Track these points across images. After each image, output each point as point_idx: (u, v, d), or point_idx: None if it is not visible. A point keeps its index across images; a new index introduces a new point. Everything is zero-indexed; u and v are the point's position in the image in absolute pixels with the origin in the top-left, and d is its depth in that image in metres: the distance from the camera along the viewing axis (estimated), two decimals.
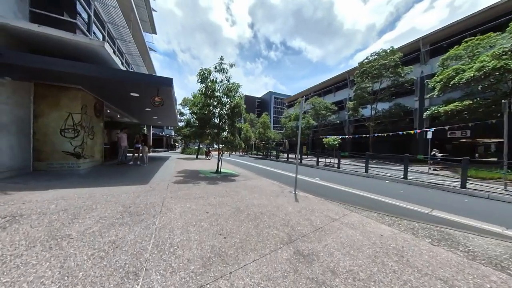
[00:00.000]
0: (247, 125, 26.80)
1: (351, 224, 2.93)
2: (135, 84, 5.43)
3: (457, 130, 16.05)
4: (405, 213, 3.79)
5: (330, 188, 5.91)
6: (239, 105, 6.43)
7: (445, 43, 17.35)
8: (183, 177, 6.14)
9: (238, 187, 5.06)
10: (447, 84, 12.14)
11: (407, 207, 4.22)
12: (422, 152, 18.64)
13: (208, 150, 13.99)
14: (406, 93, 19.75)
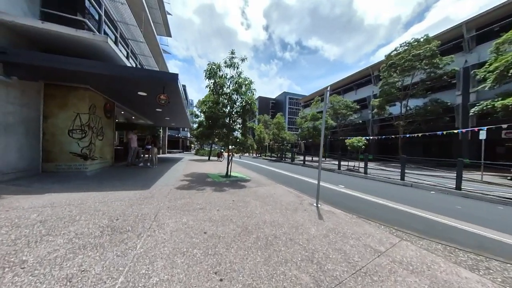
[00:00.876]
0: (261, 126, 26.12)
1: (408, 263, 1.98)
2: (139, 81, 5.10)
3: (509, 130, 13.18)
4: (484, 244, 2.64)
5: (360, 200, 4.84)
6: (251, 102, 5.74)
7: (497, 26, 14.57)
8: (188, 181, 5.63)
9: (248, 195, 4.32)
10: (505, 73, 9.92)
11: (483, 234, 3.02)
12: (467, 156, 15.80)
13: (220, 152, 13.61)
14: (445, 87, 17.11)
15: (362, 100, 26.02)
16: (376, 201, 4.73)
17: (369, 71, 25.40)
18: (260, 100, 76.75)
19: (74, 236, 2.17)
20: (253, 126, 6.28)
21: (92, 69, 4.35)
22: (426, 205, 4.50)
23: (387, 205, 4.42)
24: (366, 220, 3.17)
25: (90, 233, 2.26)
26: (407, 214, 3.82)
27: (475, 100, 15.14)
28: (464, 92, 16.03)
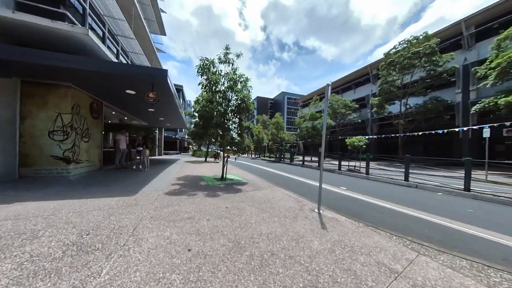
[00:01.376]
0: (259, 126, 25.76)
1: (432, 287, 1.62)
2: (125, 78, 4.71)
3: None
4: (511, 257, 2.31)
5: (364, 203, 4.50)
6: (247, 100, 5.38)
7: (496, 23, 14.44)
8: (180, 185, 5.24)
9: (244, 201, 3.95)
10: (507, 69, 9.71)
11: (505, 243, 2.68)
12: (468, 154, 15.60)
13: (217, 153, 13.24)
14: (445, 85, 16.94)
15: (361, 99, 25.83)
16: (382, 204, 4.39)
17: (367, 70, 25.22)
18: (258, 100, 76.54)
19: (28, 259, 1.79)
20: (250, 126, 5.92)
21: (70, 63, 3.95)
22: (435, 208, 4.17)
23: (393, 209, 4.08)
24: (374, 228, 2.81)
25: (49, 254, 1.88)
26: (417, 220, 3.48)
27: (476, 98, 14.96)
28: (464, 90, 15.86)
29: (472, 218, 3.66)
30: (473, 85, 15.35)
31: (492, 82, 10.63)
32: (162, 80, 4.75)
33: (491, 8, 14.27)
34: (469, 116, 15.22)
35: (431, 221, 3.45)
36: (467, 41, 15.75)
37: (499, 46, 10.93)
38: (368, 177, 8.04)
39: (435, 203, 4.60)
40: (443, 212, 3.95)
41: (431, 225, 3.25)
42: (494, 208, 4.28)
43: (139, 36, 9.40)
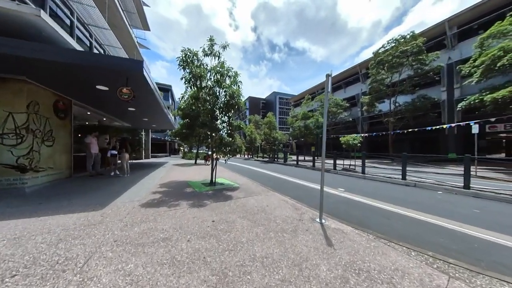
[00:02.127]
0: (251, 126, 25.26)
1: None
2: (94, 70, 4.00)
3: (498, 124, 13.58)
4: None
5: (366, 207, 4.13)
6: (236, 96, 4.84)
7: (476, 24, 15.03)
8: (162, 194, 4.59)
9: (234, 211, 3.42)
10: (492, 67, 9.96)
11: None
12: (453, 150, 16.13)
13: (207, 154, 12.55)
14: (431, 83, 17.43)
15: (351, 98, 26.16)
16: (385, 207, 4.05)
17: (357, 69, 25.60)
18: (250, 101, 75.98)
19: None
20: (241, 125, 5.40)
21: (18, 50, 3.21)
22: (440, 210, 3.89)
23: (398, 212, 3.74)
24: (387, 242, 2.40)
25: None
26: (427, 225, 3.14)
27: (460, 95, 15.49)
28: (449, 87, 16.39)
29: (481, 220, 3.39)
30: (457, 83, 15.90)
31: (477, 80, 10.91)
32: (137, 73, 4.10)
33: (471, 9, 14.83)
34: (454, 113, 15.74)
35: (441, 226, 3.12)
36: (450, 41, 16.29)
37: (482, 44, 11.25)
38: (365, 176, 7.81)
39: (438, 204, 4.34)
40: (449, 214, 3.67)
41: (443, 231, 2.92)
42: (498, 207, 4.09)
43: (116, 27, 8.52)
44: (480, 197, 4.75)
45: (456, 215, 3.63)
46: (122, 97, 4.31)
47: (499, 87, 10.02)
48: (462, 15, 15.40)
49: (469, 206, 4.17)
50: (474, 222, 3.26)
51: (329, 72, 2.90)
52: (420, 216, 3.57)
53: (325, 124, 2.98)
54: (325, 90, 2.89)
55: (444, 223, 3.22)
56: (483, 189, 5.05)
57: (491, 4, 13.91)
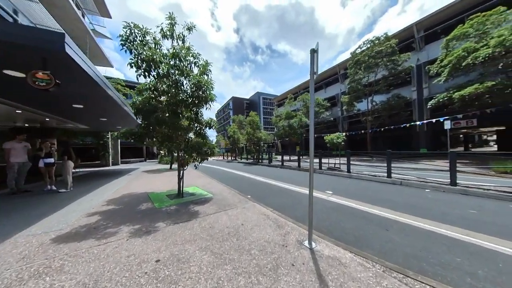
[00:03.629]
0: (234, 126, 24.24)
1: None
2: None
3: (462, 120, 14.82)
4: None
5: (359, 214, 3.55)
6: (204, 87, 3.92)
7: (440, 28, 16.29)
8: (101, 216, 3.43)
9: (195, 238, 2.50)
10: (457, 66, 10.59)
11: None
12: (424, 146, 17.27)
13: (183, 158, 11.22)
14: (403, 83, 18.47)
15: (331, 98, 26.82)
16: (379, 213, 3.51)
17: (336, 70, 26.34)
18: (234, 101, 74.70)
19: None
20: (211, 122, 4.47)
21: None
22: (437, 213, 3.49)
23: (396, 220, 3.21)
24: (402, 277, 1.74)
25: None
26: (432, 236, 2.61)
27: (428, 94, 16.60)
28: (418, 87, 17.50)
29: (484, 224, 3.01)
30: (426, 83, 17.05)
31: (445, 79, 11.57)
32: (56, 51, 2.92)
33: (436, 14, 16.04)
34: (424, 111, 16.82)
35: (447, 236, 2.62)
36: (418, 43, 17.45)
37: (447, 45, 12.02)
38: (351, 175, 7.46)
39: (432, 205, 3.97)
40: (447, 217, 3.26)
41: (453, 244, 2.40)
42: (492, 206, 3.84)
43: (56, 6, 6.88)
44: (469, 194, 4.56)
45: (455, 218, 3.22)
46: (37, 84, 3.08)
47: (464, 86, 10.70)
48: (428, 19, 16.57)
49: (463, 206, 3.86)
50: (478, 228, 2.84)
51: (314, 47, 2.18)
52: (419, 223, 3.07)
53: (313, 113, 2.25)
54: (310, 69, 2.16)
55: (449, 231, 2.74)
56: (469, 185, 4.90)
57: (453, 9, 15.16)
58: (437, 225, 2.98)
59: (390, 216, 3.38)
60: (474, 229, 2.80)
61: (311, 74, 2.18)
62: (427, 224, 3.03)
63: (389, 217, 3.36)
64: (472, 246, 2.36)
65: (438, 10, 15.82)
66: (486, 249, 2.30)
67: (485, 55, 9.18)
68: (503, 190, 4.35)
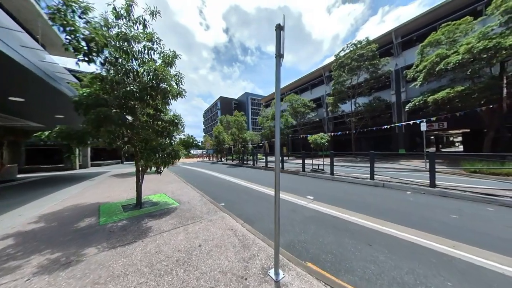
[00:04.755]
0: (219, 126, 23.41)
1: None
2: None
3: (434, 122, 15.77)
4: None
5: (340, 224, 3.18)
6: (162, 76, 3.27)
7: (415, 35, 17.23)
8: (20, 238, 2.62)
9: (129, 271, 1.87)
10: (431, 72, 11.09)
11: None
12: (402, 147, 18.12)
13: None
14: (384, 86, 19.23)
15: (317, 100, 27.23)
16: (361, 222, 3.17)
17: (321, 72, 26.82)
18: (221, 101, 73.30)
19: None
20: (176, 119, 3.83)
21: None
22: (419, 219, 3.25)
23: (378, 230, 2.88)
24: None
25: None
26: (419, 251, 2.29)
27: (405, 98, 17.43)
28: (397, 91, 18.33)
29: (466, 231, 2.80)
30: (403, 87, 17.91)
31: (421, 83, 12.08)
32: None
33: (412, 21, 16.93)
34: (402, 114, 17.63)
35: (434, 250, 2.32)
36: (396, 49, 18.31)
37: (422, 51, 12.61)
38: (334, 177, 7.24)
39: (413, 209, 3.76)
40: (430, 224, 3.02)
41: (442, 261, 2.08)
42: (471, 209, 3.72)
43: None
44: (447, 196, 4.47)
45: (438, 225, 2.99)
46: None
47: (437, 90, 11.24)
48: (404, 26, 17.45)
49: (444, 210, 3.70)
50: (462, 237, 2.61)
51: (281, 22, 1.70)
52: (402, 233, 2.76)
53: (279, 107, 1.78)
54: (276, 50, 1.68)
55: (434, 243, 2.45)
56: (447, 186, 4.85)
57: (427, 18, 16.11)
58: (422, 235, 2.70)
59: (373, 226, 3.05)
60: (459, 239, 2.55)
61: (276, 56, 1.70)
62: (411, 234, 2.73)
63: (372, 227, 3.03)
64: (460, 263, 2.06)
65: (413, 18, 16.73)
66: (475, 266, 2.01)
67: (456, 61, 9.68)
68: (478, 191, 4.32)
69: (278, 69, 1.73)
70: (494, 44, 8.50)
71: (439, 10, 15.50)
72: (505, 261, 2.06)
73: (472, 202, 4.05)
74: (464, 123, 14.82)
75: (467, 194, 4.21)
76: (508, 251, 2.25)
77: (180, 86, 4.81)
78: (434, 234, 2.70)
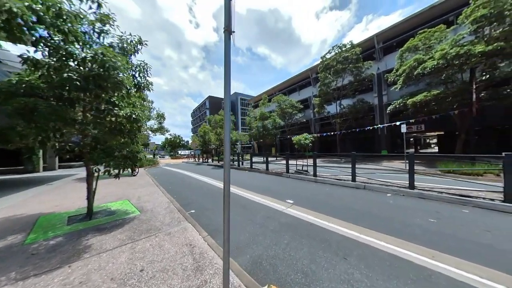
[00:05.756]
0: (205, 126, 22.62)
1: None
2: None
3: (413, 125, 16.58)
4: None
5: (317, 235, 2.89)
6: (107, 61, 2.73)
7: (395, 41, 18.02)
8: None
9: None
10: (410, 75, 11.53)
11: None
12: (384, 148, 18.82)
13: None
14: (367, 89, 19.86)
15: (304, 101, 27.52)
16: (340, 231, 2.91)
17: (308, 74, 27.17)
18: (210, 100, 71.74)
19: None
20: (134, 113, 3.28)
21: None
22: (399, 225, 3.07)
23: (356, 238, 2.63)
24: None
25: None
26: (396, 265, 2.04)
27: (387, 101, 18.13)
28: (379, 93, 19.03)
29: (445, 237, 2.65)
30: (385, 90, 18.64)
31: (400, 86, 12.54)
32: None
33: (392, 28, 17.70)
34: (384, 116, 18.31)
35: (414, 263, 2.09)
36: (378, 54, 19.03)
37: (402, 56, 13.12)
38: (316, 179, 7.06)
39: (393, 214, 3.60)
40: (410, 230, 2.84)
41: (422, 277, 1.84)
42: (448, 212, 3.66)
43: None
44: (425, 198, 4.43)
45: (417, 231, 2.82)
46: None
47: (416, 93, 11.72)
48: (385, 32, 18.19)
49: (422, 213, 3.59)
50: (441, 244, 2.43)
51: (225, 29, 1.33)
52: (381, 242, 2.53)
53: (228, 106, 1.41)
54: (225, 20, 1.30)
55: (413, 254, 2.24)
56: (425, 187, 4.84)
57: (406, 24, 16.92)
58: (401, 243, 2.48)
59: (351, 234, 2.79)
60: (438, 247, 2.37)
61: (225, 31, 1.32)
62: (390, 243, 2.51)
63: (351, 235, 2.77)
64: (440, 278, 1.83)
65: (393, 24, 17.50)
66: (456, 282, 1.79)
67: (432, 66, 10.12)
68: (453, 193, 4.32)
69: (227, 47, 1.34)
70: (465, 51, 8.97)
71: (416, 18, 16.34)
72: (487, 274, 1.88)
73: (448, 203, 4.02)
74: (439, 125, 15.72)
75: (444, 195, 4.18)
76: (490, 260, 2.08)
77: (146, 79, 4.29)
78: (413, 243, 2.50)
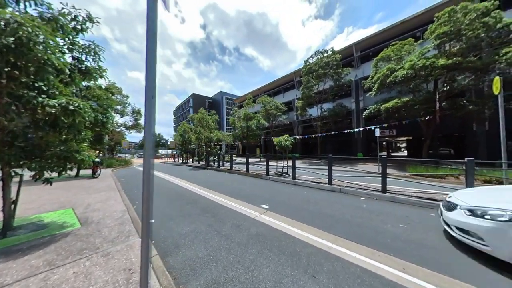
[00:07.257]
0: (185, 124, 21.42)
1: None
2: None
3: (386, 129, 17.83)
4: None
5: (289, 248, 2.62)
6: (23, 31, 2.10)
7: (371, 51, 19.25)
8: None
9: None
10: (383, 83, 12.28)
11: None
12: (360, 151, 19.92)
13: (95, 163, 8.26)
14: (346, 95, 20.83)
15: (288, 103, 27.92)
16: (311, 239, 2.68)
17: (292, 77, 27.68)
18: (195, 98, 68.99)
19: None
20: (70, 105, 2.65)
21: None
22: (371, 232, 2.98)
23: (328, 250, 2.41)
24: None
25: None
26: (367, 282, 1.85)
27: (363, 106, 19.23)
28: (356, 99, 20.11)
29: (415, 246, 2.59)
30: (361, 96, 19.77)
31: (375, 93, 13.31)
32: None
33: (368, 39, 18.90)
34: (360, 120, 19.37)
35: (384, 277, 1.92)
36: (356, 62, 20.15)
37: (376, 65, 13.97)
38: (295, 182, 6.93)
39: (365, 220, 3.53)
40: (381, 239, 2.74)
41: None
42: (417, 216, 3.72)
43: None
44: (396, 201, 4.52)
45: (389, 240, 2.73)
46: None
47: (388, 100, 12.53)
48: (363, 42, 19.35)
49: (393, 218, 3.58)
50: (412, 255, 2.34)
51: None
52: (353, 253, 2.35)
53: (154, 71, 1.00)
54: None
55: (384, 266, 2.08)
56: (396, 191, 4.97)
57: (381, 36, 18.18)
58: (372, 254, 2.33)
59: (323, 245, 2.57)
60: (408, 257, 2.26)
61: None
62: (362, 254, 2.34)
63: (322, 246, 2.55)
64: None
65: (370, 35, 18.72)
66: None
67: (402, 75, 10.91)
68: (421, 196, 4.48)
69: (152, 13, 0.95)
70: (430, 63, 9.81)
71: (390, 31, 17.64)
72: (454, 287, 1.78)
73: (417, 207, 4.13)
74: (409, 131, 17.12)
75: (413, 199, 4.30)
76: (461, 274, 2.01)
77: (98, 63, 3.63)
78: (384, 252, 2.37)
